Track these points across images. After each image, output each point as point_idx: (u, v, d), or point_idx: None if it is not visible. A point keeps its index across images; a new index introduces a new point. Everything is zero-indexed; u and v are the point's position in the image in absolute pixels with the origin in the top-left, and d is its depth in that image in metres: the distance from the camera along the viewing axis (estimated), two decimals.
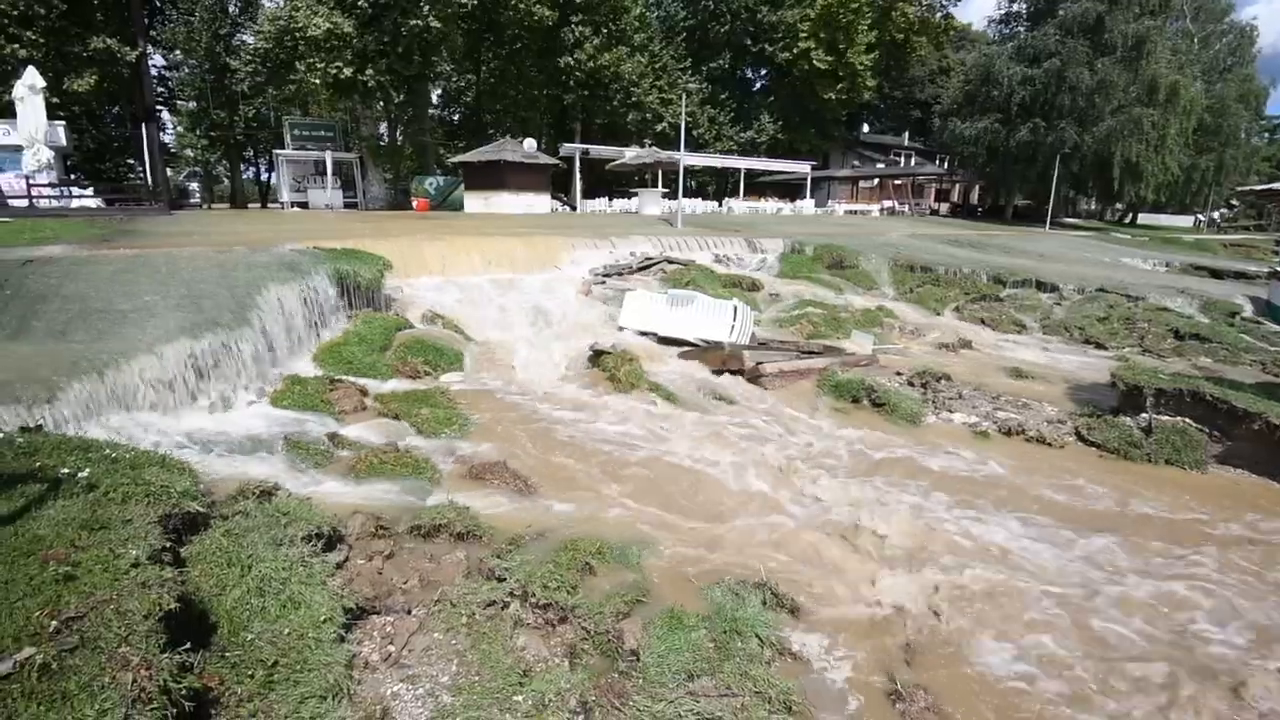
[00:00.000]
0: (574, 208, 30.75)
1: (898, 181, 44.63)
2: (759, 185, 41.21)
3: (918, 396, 8.93)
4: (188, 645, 2.94)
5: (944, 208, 46.59)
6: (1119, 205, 48.23)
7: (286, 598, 3.74)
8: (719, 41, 40.85)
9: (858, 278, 16.80)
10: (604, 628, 4.00)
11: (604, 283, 13.50)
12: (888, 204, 41.60)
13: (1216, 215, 54.30)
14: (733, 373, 9.66)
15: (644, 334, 10.75)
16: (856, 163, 47.29)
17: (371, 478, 5.79)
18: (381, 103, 28.80)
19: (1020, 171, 37.89)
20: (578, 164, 30.44)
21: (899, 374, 10.01)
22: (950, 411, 8.48)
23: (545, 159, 28.07)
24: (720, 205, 36.00)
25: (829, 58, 36.97)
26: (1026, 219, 39.56)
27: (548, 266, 13.97)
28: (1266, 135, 61.53)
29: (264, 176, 45.53)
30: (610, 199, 32.62)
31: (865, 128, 52.36)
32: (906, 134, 52.14)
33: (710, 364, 9.86)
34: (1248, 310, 16.20)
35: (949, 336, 12.65)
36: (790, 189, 41.26)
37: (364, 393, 7.93)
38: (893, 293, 16.20)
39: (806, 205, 37.56)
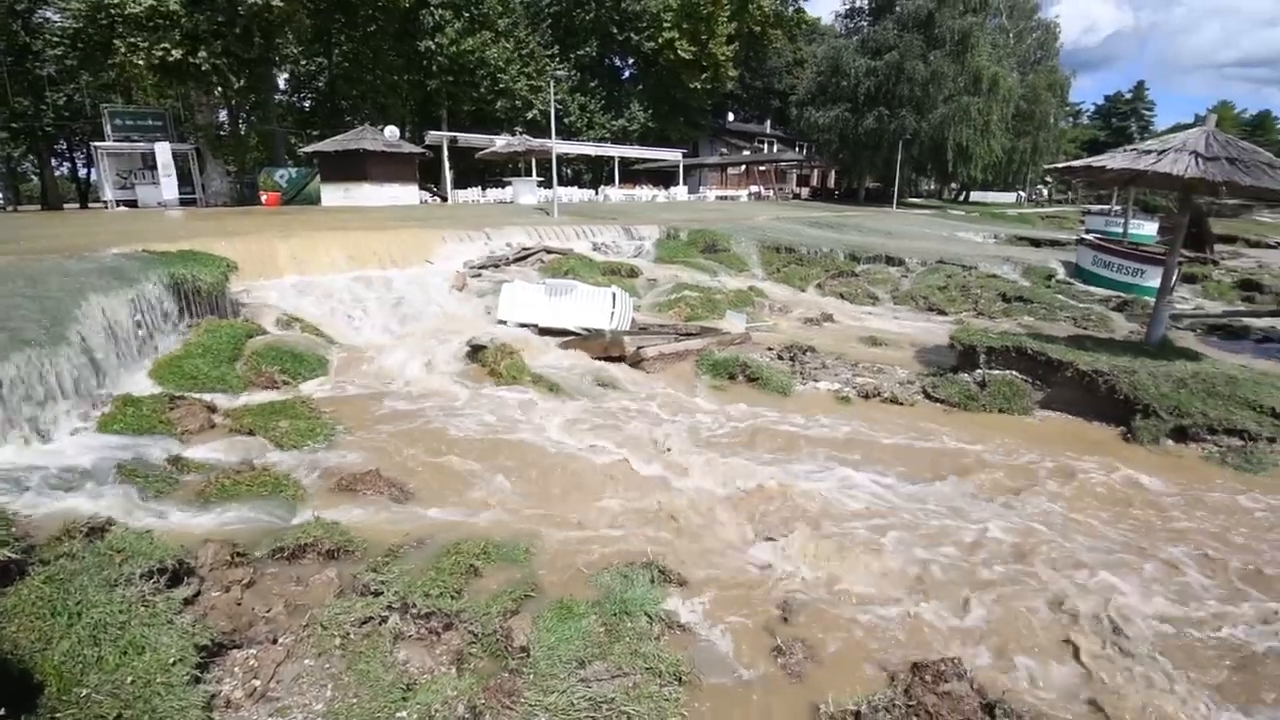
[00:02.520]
0: (445, 198, 29.56)
1: (762, 168, 46.81)
2: (634, 173, 41.66)
3: (787, 369, 9.47)
4: (1, 713, 2.56)
5: (805, 191, 49.51)
6: (954, 185, 53.49)
7: (127, 643, 3.37)
8: (585, 29, 40.64)
9: (730, 260, 17.47)
10: (492, 628, 3.92)
11: (480, 275, 13.11)
12: (754, 189, 43.55)
13: (1046, 191, 61.63)
14: (615, 359, 9.75)
15: (524, 326, 10.58)
16: (724, 150, 49.02)
17: (224, 501, 5.29)
18: (220, 88, 26.02)
19: (869, 156, 41.03)
20: (446, 152, 29.26)
21: (770, 349, 10.55)
22: (816, 381, 9.07)
23: (410, 147, 26.71)
24: (597, 193, 36.04)
25: (692, 48, 37.88)
26: (877, 200, 42.93)
27: (418, 261, 13.35)
28: (1071, 120, 70.61)
29: (82, 173, 39.75)
30: (484, 189, 31.68)
31: (730, 116, 54.31)
32: (768, 122, 54.72)
33: (592, 352, 9.89)
34: (1061, 273, 18.58)
35: (813, 311, 13.50)
36: (664, 176, 42.07)
37: (212, 409, 7.21)
38: (762, 273, 17.00)
39: (680, 192, 38.48)
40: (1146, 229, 25.89)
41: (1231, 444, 7.19)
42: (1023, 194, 58.96)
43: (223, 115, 31.19)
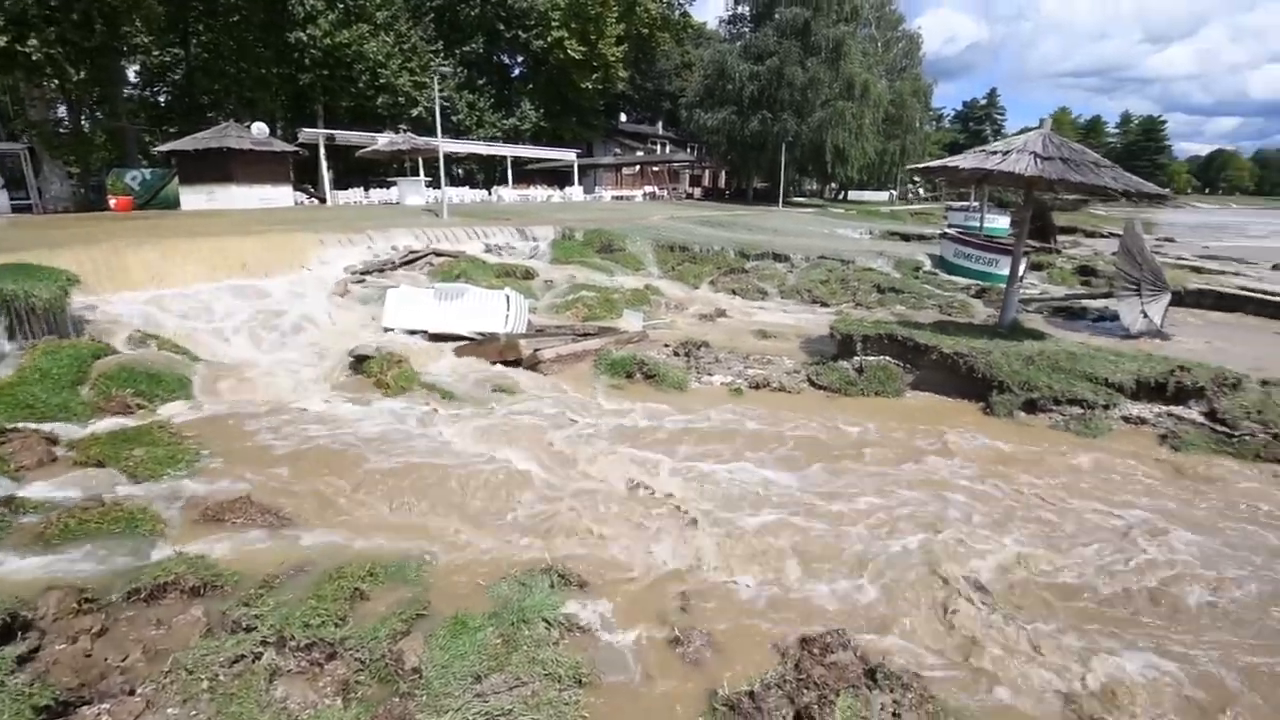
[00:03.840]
0: (324, 200, 27.83)
1: (656, 168, 47.58)
2: (528, 173, 41.10)
3: (683, 365, 9.69)
4: None
5: (698, 192, 50.84)
6: (833, 185, 56.69)
7: None
8: (470, 24, 39.57)
9: (626, 260, 17.64)
10: (380, 653, 3.75)
11: (364, 281, 12.47)
12: (649, 189, 44.20)
13: (921, 190, 66.45)
14: (512, 363, 9.59)
15: (413, 333, 10.15)
16: (618, 150, 49.41)
17: (70, 543, 4.73)
18: (55, 80, 23.06)
19: (755, 157, 42.75)
20: (323, 151, 27.54)
21: (667, 346, 10.76)
22: (710, 375, 9.35)
23: (282, 145, 24.94)
24: (490, 194, 35.24)
25: (582, 48, 37.85)
26: (765, 199, 44.78)
27: (294, 268, 12.50)
28: (934, 124, 76.76)
29: None
30: (367, 189, 30.10)
31: (623, 117, 54.86)
32: (660, 123, 55.70)
33: (488, 356, 9.67)
34: (928, 265, 20.16)
35: (707, 308, 13.90)
36: (559, 176, 41.80)
37: (52, 440, 6.43)
38: (658, 271, 17.29)
39: (576, 192, 38.36)
40: (1000, 223, 28.56)
41: (1073, 412, 8.10)
42: (894, 193, 63.42)
43: (62, 110, 27.71)
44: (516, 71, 45.85)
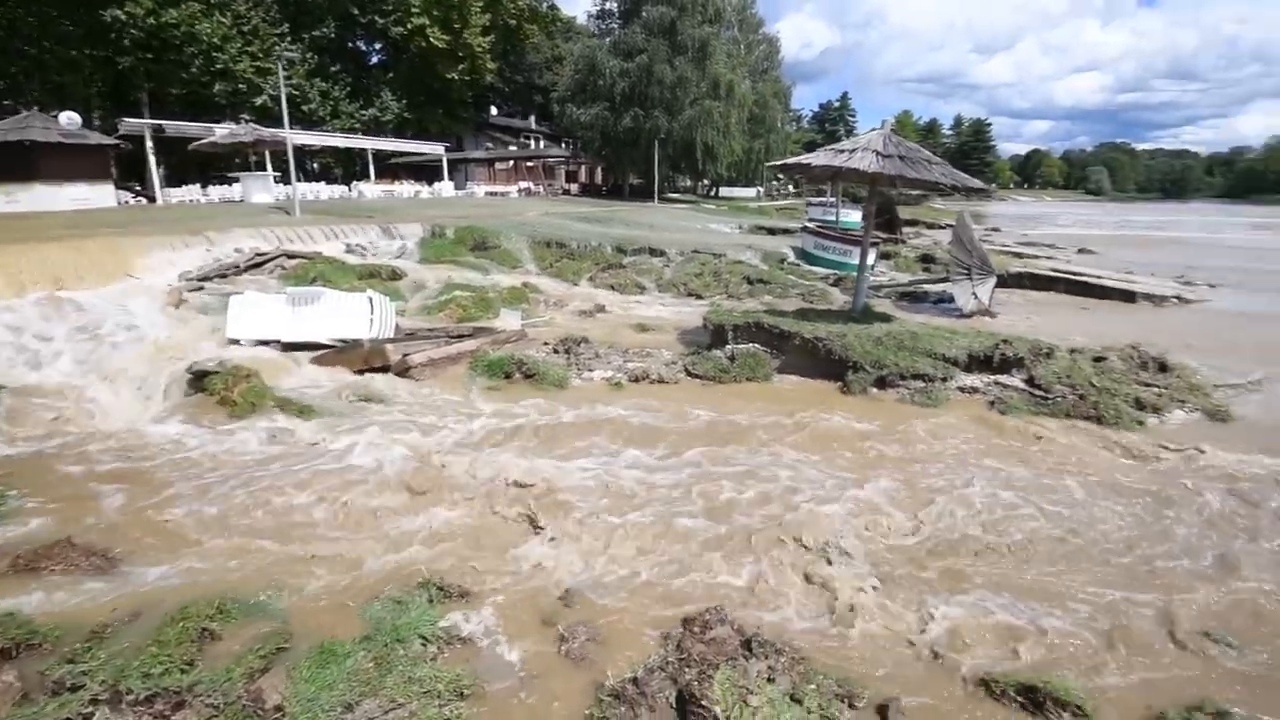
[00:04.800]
0: (153, 199, 24.85)
1: (530, 163, 46.87)
2: (392, 167, 39.01)
3: (563, 362, 9.66)
4: None
5: (575, 188, 50.74)
6: (706, 181, 58.74)
7: None
8: (320, 7, 36.81)
9: (502, 257, 17.27)
10: (236, 695, 3.43)
11: (203, 288, 11.29)
12: (524, 185, 43.48)
13: (791, 187, 70.09)
14: (379, 370, 9.09)
15: (264, 343, 9.34)
16: (489, 145, 48.17)
17: None
18: None
19: (629, 154, 43.37)
20: (150, 144, 24.50)
21: (546, 344, 10.67)
22: (591, 370, 9.39)
23: (99, 138, 22.01)
24: (350, 189, 33.08)
25: (446, 36, 36.45)
26: (641, 195, 45.53)
27: (117, 276, 11.07)
28: (795, 124, 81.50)
29: None
30: (205, 186, 27.23)
31: (494, 110, 53.52)
32: (533, 118, 54.92)
33: (352, 364, 9.10)
34: (791, 257, 21.43)
35: (587, 304, 13.94)
36: (428, 171, 40.05)
37: None
38: (535, 269, 17.09)
39: (446, 188, 36.94)
40: (855, 216, 30.70)
41: (917, 386, 8.93)
42: (761, 190, 66.76)
43: None
44: (375, 59, 43.33)
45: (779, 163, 12.68)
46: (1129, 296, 16.43)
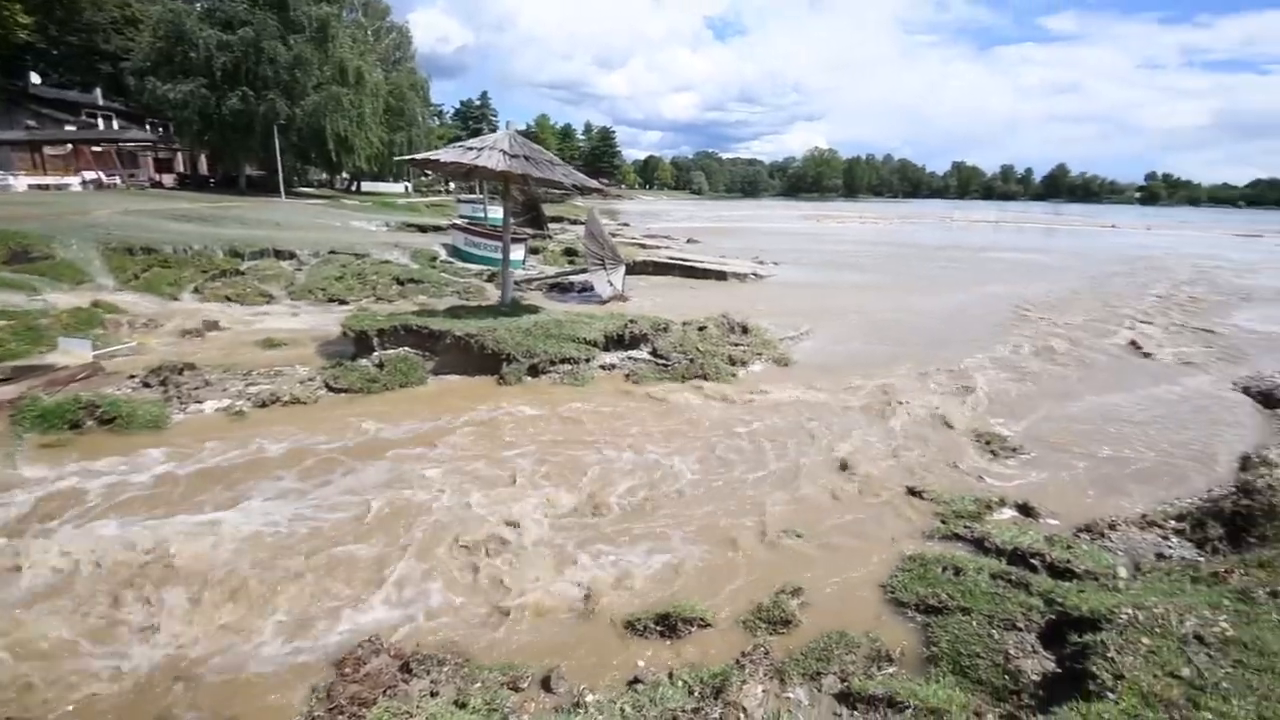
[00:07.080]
0: None
1: (99, 148, 36.85)
2: None
3: (158, 397, 7.80)
4: None
5: (169, 179, 41.59)
6: (344, 175, 53.81)
7: None
8: None
9: (58, 270, 13.20)
10: None
11: None
12: (91, 176, 34.00)
13: (453, 184, 67.57)
14: None
15: None
16: (33, 123, 36.40)
17: None
18: None
19: (241, 141, 37.20)
20: None
21: (133, 376, 8.51)
22: (200, 402, 7.78)
23: None
24: None
25: None
26: (263, 189, 39.55)
27: None
28: (436, 119, 79.66)
29: None
30: None
31: (36, 79, 40.54)
32: (99, 91, 43.19)
33: None
34: (443, 254, 20.98)
35: (192, 321, 11.51)
36: None
37: None
38: (113, 283, 13.47)
39: None
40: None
41: (565, 369, 9.57)
42: (410, 185, 63.96)
43: None
44: None
45: (409, 158, 12.23)
46: (722, 276, 20.28)
